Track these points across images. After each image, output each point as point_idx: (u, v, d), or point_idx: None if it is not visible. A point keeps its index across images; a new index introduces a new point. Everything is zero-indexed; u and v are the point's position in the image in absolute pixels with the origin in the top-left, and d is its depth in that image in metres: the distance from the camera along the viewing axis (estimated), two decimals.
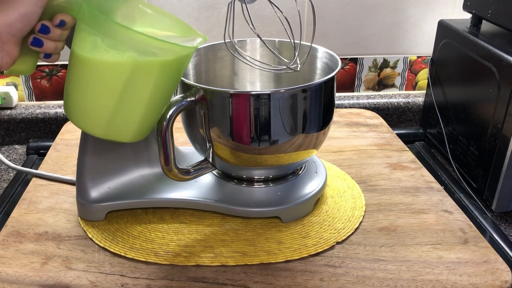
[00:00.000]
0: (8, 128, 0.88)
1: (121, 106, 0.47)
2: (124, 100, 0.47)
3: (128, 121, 0.49)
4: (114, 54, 0.45)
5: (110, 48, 0.45)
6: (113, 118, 0.48)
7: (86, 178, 0.59)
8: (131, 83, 0.46)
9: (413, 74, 0.96)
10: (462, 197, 0.70)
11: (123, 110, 0.47)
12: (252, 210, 0.58)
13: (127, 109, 0.48)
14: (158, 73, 0.47)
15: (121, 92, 0.46)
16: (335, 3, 0.88)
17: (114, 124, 0.48)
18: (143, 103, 0.48)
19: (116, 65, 0.45)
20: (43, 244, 0.56)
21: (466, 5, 0.79)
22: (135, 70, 0.46)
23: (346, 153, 0.76)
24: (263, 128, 0.53)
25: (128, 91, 0.46)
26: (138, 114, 0.49)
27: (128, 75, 0.46)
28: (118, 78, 0.46)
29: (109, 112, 0.47)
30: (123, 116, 0.48)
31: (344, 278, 0.51)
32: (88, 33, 0.45)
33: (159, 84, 0.48)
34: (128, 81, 0.46)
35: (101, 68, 0.46)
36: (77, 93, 0.48)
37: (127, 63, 0.45)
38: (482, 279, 0.51)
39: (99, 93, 0.47)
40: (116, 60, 0.45)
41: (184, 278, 0.51)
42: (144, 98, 0.48)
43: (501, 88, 0.65)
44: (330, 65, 0.61)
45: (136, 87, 0.47)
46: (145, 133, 0.51)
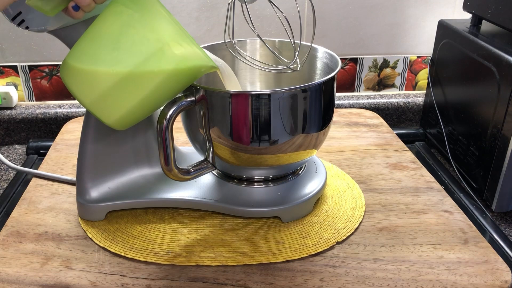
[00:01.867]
0: (8, 128, 0.88)
1: (122, 86, 0.46)
2: (128, 81, 0.46)
3: (119, 104, 0.47)
4: (145, 32, 0.45)
5: (142, 27, 0.45)
6: (107, 94, 0.46)
7: (86, 178, 0.59)
8: (145, 65, 0.46)
9: (413, 74, 0.96)
10: (462, 197, 0.70)
11: (121, 91, 0.46)
12: (252, 210, 0.58)
13: (125, 92, 0.47)
14: (172, 70, 0.47)
15: (130, 71, 0.46)
16: (335, 3, 0.88)
17: (105, 100, 0.47)
18: (142, 93, 0.47)
19: (141, 41, 0.45)
20: (43, 244, 0.56)
21: (466, 5, 0.79)
22: (156, 56, 0.45)
23: (346, 153, 0.76)
24: (263, 128, 0.53)
25: (138, 73, 0.46)
26: (132, 102, 0.47)
27: (147, 56, 0.45)
28: (135, 55, 0.46)
29: (107, 86, 0.46)
30: (118, 97, 0.47)
31: (344, 278, 0.51)
32: (127, 7, 0.45)
33: (167, 82, 0.47)
34: (144, 63, 0.45)
35: (125, 36, 0.46)
36: (87, 53, 0.47)
37: (154, 47, 0.45)
38: (482, 279, 0.51)
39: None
40: (144, 38, 0.45)
41: (184, 278, 0.51)
42: (147, 88, 0.47)
43: (501, 88, 0.65)
44: (330, 65, 0.61)
45: (147, 72, 0.46)
46: (127, 125, 0.50)
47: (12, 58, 0.87)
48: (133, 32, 0.46)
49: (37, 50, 0.87)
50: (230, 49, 0.64)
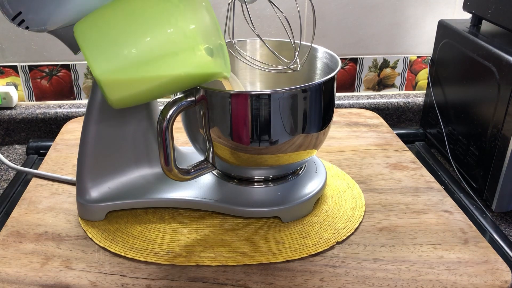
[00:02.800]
0: (8, 128, 0.88)
1: (140, 69, 0.45)
2: (148, 67, 0.45)
3: (130, 85, 0.46)
4: (183, 24, 0.45)
5: (182, 19, 0.45)
6: (122, 73, 0.45)
7: (86, 178, 0.59)
8: (170, 59, 0.45)
9: (413, 74, 0.96)
10: (462, 197, 0.70)
11: (137, 74, 0.45)
12: (252, 210, 0.58)
13: (140, 76, 0.46)
14: (192, 73, 0.47)
15: (152, 58, 0.45)
16: (335, 3, 0.88)
17: (118, 77, 0.46)
18: (156, 82, 0.47)
19: (176, 32, 0.45)
20: (43, 244, 0.56)
21: (466, 5, 0.79)
22: (184, 53, 0.45)
23: (346, 153, 0.76)
24: (263, 128, 0.53)
25: (160, 63, 0.45)
26: (142, 87, 0.47)
27: (175, 51, 0.45)
28: (165, 45, 0.45)
29: (125, 65, 0.45)
30: (132, 78, 0.46)
31: (344, 278, 0.51)
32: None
33: (182, 81, 0.47)
34: (170, 56, 0.45)
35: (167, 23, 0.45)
36: (114, 25, 0.45)
37: (186, 44, 0.45)
38: (482, 279, 0.51)
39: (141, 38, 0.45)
40: (180, 31, 0.45)
41: (184, 278, 0.51)
42: (161, 79, 0.47)
43: (501, 88, 0.65)
44: (330, 65, 0.61)
45: (168, 66, 0.46)
46: (126, 105, 0.49)
47: (12, 58, 0.87)
48: (171, 21, 0.45)
49: (37, 50, 0.87)
50: (230, 49, 0.63)
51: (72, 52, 0.55)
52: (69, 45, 0.54)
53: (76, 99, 0.92)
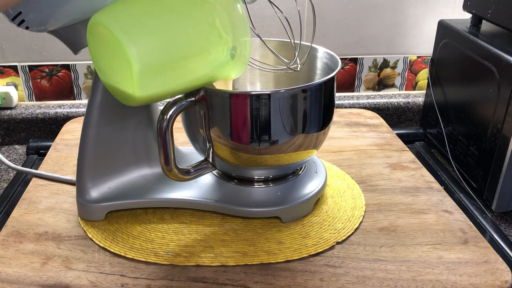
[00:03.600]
0: (8, 128, 0.88)
1: (171, 67, 0.45)
2: (180, 66, 0.45)
3: (161, 80, 0.46)
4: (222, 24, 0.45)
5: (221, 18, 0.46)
6: (153, 69, 0.44)
7: (86, 178, 0.59)
8: (202, 59, 0.46)
9: (413, 74, 0.96)
10: (462, 197, 0.70)
11: (167, 72, 0.45)
12: (252, 210, 0.58)
13: (169, 74, 0.46)
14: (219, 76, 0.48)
15: (186, 57, 0.45)
16: (335, 3, 0.88)
17: (155, 70, 0.44)
18: (182, 80, 0.47)
19: (217, 33, 0.46)
20: (43, 244, 0.56)
21: (466, 5, 0.79)
22: (216, 54, 0.46)
23: (346, 153, 0.76)
24: (263, 128, 0.53)
25: (190, 63, 0.45)
26: (167, 86, 0.47)
27: (208, 50, 0.46)
28: (203, 42, 0.45)
29: (168, 56, 0.45)
30: (161, 76, 0.45)
31: (344, 278, 0.51)
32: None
33: (204, 76, 0.48)
34: (203, 56, 0.46)
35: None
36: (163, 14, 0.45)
37: (221, 45, 0.46)
38: (482, 279, 0.51)
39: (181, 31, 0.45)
40: (218, 33, 0.45)
41: (184, 278, 0.51)
42: (186, 78, 0.47)
43: (501, 88, 0.65)
44: (330, 65, 0.61)
45: (198, 65, 0.46)
46: (145, 103, 0.48)
47: (12, 58, 0.87)
48: (209, 20, 0.45)
49: (37, 50, 0.87)
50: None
51: (72, 52, 0.55)
52: (69, 45, 0.54)
53: (76, 99, 0.92)
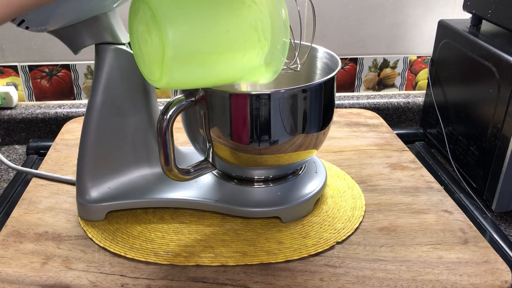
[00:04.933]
0: (8, 128, 0.88)
1: (204, 60, 0.45)
2: (212, 61, 0.45)
3: (191, 68, 0.45)
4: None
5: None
6: (195, 52, 0.44)
7: (86, 178, 0.59)
8: (238, 57, 0.46)
9: (413, 74, 0.96)
10: (462, 197, 0.70)
11: (200, 63, 0.45)
12: (252, 210, 0.58)
13: (201, 66, 0.45)
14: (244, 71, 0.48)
15: (221, 54, 0.45)
16: (335, 3, 0.88)
17: (181, 62, 0.44)
18: (209, 73, 0.47)
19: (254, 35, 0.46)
20: (43, 244, 0.56)
21: (466, 5, 0.79)
22: (251, 55, 0.46)
23: (346, 153, 0.76)
24: (263, 128, 0.53)
25: (223, 59, 0.46)
26: (198, 74, 0.46)
27: (244, 49, 0.46)
28: (241, 41, 0.45)
29: (203, 46, 0.44)
30: (194, 66, 0.45)
31: (344, 278, 0.51)
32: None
33: (233, 75, 0.48)
34: (238, 54, 0.46)
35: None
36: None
37: (258, 48, 0.46)
38: (482, 279, 0.51)
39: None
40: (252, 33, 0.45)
41: (184, 278, 0.51)
42: (215, 72, 0.47)
43: (501, 88, 0.65)
44: (330, 65, 0.61)
45: (231, 63, 0.46)
46: (167, 87, 0.47)
47: (12, 58, 0.87)
48: (251, 23, 0.45)
49: (37, 50, 0.87)
50: None
51: (72, 52, 0.55)
52: (69, 45, 0.54)
53: (76, 99, 0.92)
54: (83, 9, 0.50)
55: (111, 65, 0.55)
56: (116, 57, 0.55)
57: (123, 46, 0.55)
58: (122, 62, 0.56)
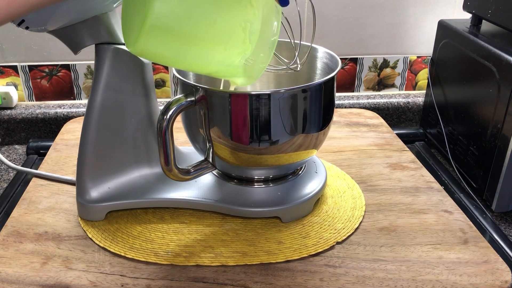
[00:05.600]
0: (8, 128, 0.88)
1: (184, 42, 0.45)
2: (192, 45, 0.45)
3: (168, 45, 0.45)
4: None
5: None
6: (176, 30, 0.44)
7: (86, 178, 0.59)
8: (222, 47, 0.45)
9: (413, 74, 0.96)
10: (462, 197, 0.70)
11: (179, 42, 0.45)
12: (252, 210, 0.58)
13: (184, 45, 0.45)
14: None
15: (210, 41, 0.45)
16: (335, 3, 0.88)
17: (159, 31, 0.44)
18: (190, 58, 0.46)
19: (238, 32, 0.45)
20: (43, 244, 0.56)
21: (466, 5, 0.79)
22: (233, 53, 0.46)
23: (346, 153, 0.76)
24: (263, 128, 0.53)
25: (212, 45, 0.45)
26: (172, 52, 0.46)
27: (226, 46, 0.46)
28: (225, 38, 0.45)
29: (185, 28, 0.44)
30: (176, 41, 0.45)
31: (344, 278, 0.51)
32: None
33: (211, 69, 0.49)
34: (222, 46, 0.45)
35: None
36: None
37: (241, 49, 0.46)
38: (482, 279, 0.51)
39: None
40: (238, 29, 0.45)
41: (184, 278, 0.51)
42: (198, 58, 0.47)
43: (501, 88, 0.65)
44: (330, 65, 0.61)
45: (215, 50, 0.46)
46: (142, 55, 0.48)
47: (12, 58, 0.87)
48: (241, 24, 0.45)
49: (37, 50, 0.87)
50: None
51: (72, 52, 0.55)
52: (69, 45, 0.54)
53: (76, 99, 0.92)
54: (83, 9, 0.50)
55: (111, 65, 0.55)
56: (116, 57, 0.55)
57: (123, 46, 0.55)
58: (122, 62, 0.56)
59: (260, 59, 0.48)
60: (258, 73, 0.50)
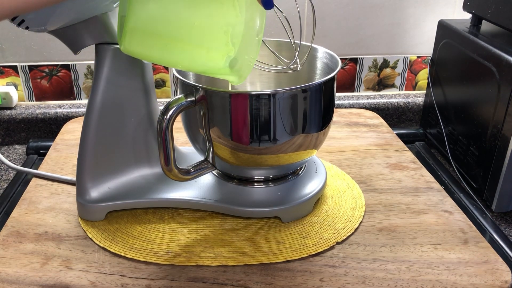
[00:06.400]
0: (8, 128, 0.88)
1: (166, 43, 0.45)
2: (173, 46, 0.45)
3: (151, 46, 0.46)
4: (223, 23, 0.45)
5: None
6: (156, 33, 0.45)
7: (86, 178, 0.59)
8: (204, 50, 0.46)
9: (413, 74, 0.96)
10: (462, 197, 0.70)
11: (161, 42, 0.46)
12: (252, 210, 0.58)
13: (167, 46, 0.46)
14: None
15: (191, 42, 0.45)
16: (335, 3, 0.88)
17: (145, 35, 0.45)
18: (174, 58, 0.47)
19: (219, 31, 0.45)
20: (43, 244, 0.56)
21: (466, 5, 0.79)
22: (213, 50, 0.46)
23: (346, 153, 0.76)
24: (263, 128, 0.53)
25: (194, 46, 0.46)
26: (160, 53, 0.47)
27: (209, 47, 0.46)
28: (206, 39, 0.45)
29: (165, 30, 0.45)
30: (158, 42, 0.46)
31: (344, 278, 0.51)
32: None
33: (196, 69, 0.50)
34: (204, 49, 0.46)
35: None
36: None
37: (222, 45, 0.45)
38: (482, 279, 0.51)
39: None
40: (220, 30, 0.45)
41: (184, 278, 0.51)
42: (182, 60, 0.47)
43: (501, 88, 0.65)
44: (330, 65, 0.61)
45: (198, 52, 0.46)
46: (131, 53, 0.48)
47: (12, 58, 0.87)
48: (223, 27, 0.45)
49: (37, 50, 0.87)
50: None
51: (72, 52, 0.55)
52: (69, 45, 0.54)
53: (76, 99, 0.92)
54: (83, 9, 0.50)
55: (111, 65, 0.55)
56: (116, 57, 0.55)
57: None
58: (122, 62, 0.56)
59: (246, 59, 0.48)
60: (246, 72, 0.50)
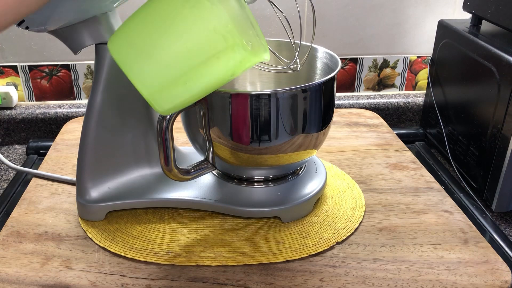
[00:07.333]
0: (8, 128, 0.88)
1: (182, 80, 0.44)
2: (188, 76, 0.44)
3: (174, 96, 0.45)
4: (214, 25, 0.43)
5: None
6: (166, 87, 0.44)
7: (86, 178, 0.59)
8: (209, 63, 0.44)
9: (413, 74, 0.96)
10: (462, 197, 0.70)
11: (179, 84, 0.44)
12: (252, 210, 0.58)
13: (183, 85, 0.45)
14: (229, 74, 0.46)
15: (192, 68, 0.44)
16: (335, 3, 0.88)
17: (163, 92, 0.44)
18: (198, 87, 0.45)
19: (209, 36, 0.43)
20: (43, 244, 0.56)
21: (466, 5, 0.79)
22: (223, 55, 0.44)
23: (346, 153, 0.76)
24: (263, 128, 0.53)
25: (199, 70, 0.44)
26: (187, 95, 0.45)
27: (214, 53, 0.44)
28: (202, 50, 0.43)
29: (168, 80, 0.44)
30: (175, 89, 0.45)
31: (344, 278, 0.51)
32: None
33: (226, 77, 0.46)
34: (209, 60, 0.44)
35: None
36: (148, 36, 0.44)
37: (222, 46, 0.44)
38: (482, 279, 0.51)
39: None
40: (212, 33, 0.43)
41: (184, 278, 0.51)
42: (203, 83, 0.45)
43: (501, 88, 0.65)
44: (330, 65, 0.61)
45: (207, 71, 0.44)
46: (173, 111, 0.48)
47: (12, 58, 0.87)
48: (207, 26, 0.43)
49: (37, 50, 0.87)
50: None
51: (72, 52, 0.55)
52: (69, 45, 0.54)
53: (76, 99, 0.92)
54: (83, 9, 0.50)
55: (111, 65, 0.55)
56: None
57: None
58: None
59: (254, 35, 0.47)
60: (263, 42, 0.48)
